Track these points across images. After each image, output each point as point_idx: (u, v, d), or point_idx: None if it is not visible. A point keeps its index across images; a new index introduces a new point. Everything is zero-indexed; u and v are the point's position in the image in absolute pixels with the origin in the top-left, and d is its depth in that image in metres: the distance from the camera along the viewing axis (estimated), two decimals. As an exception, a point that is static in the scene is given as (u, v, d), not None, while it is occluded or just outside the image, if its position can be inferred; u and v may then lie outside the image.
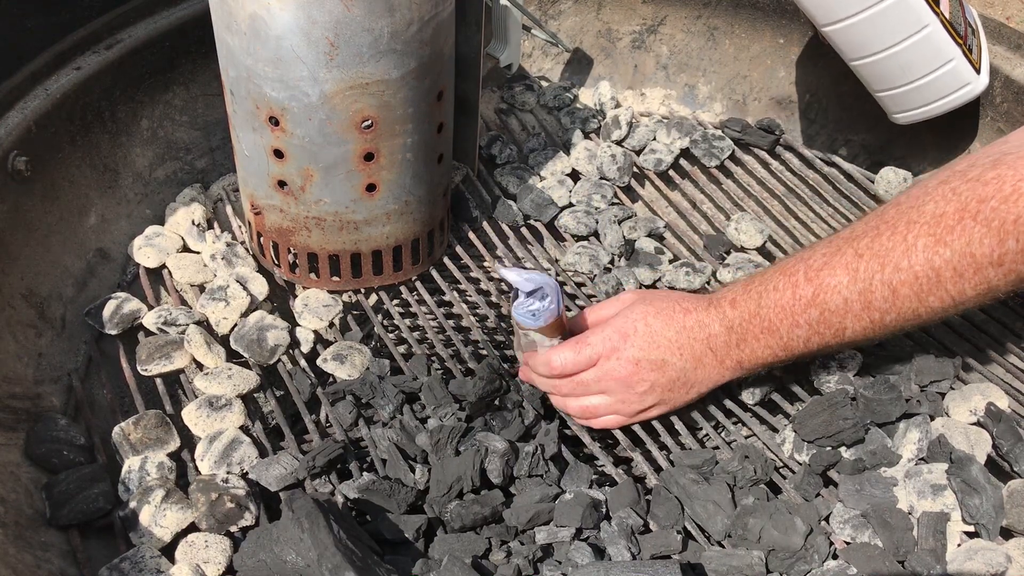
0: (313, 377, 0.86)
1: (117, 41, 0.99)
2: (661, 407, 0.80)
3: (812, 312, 0.72)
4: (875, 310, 0.70)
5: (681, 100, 1.28)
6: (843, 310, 0.71)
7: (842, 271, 0.70)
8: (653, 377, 0.77)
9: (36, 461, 0.76)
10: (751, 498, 0.73)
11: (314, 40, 0.75)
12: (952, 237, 0.65)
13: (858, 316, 0.70)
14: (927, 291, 0.67)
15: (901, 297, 0.68)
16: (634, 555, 0.70)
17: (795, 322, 0.73)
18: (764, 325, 0.74)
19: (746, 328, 0.75)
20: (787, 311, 0.73)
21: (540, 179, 1.12)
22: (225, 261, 0.95)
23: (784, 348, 0.75)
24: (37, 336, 0.86)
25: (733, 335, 0.76)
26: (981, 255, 0.64)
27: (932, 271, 0.66)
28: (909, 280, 0.67)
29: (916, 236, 0.67)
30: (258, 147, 0.84)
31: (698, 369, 0.78)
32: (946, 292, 0.67)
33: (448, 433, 0.75)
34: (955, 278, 0.66)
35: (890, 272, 0.68)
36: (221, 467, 0.76)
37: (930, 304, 0.68)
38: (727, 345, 0.76)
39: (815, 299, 0.72)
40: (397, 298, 0.97)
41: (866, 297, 0.69)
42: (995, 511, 0.70)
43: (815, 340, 0.73)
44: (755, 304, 0.75)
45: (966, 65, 0.98)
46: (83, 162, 0.96)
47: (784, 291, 0.73)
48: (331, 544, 0.61)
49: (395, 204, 0.88)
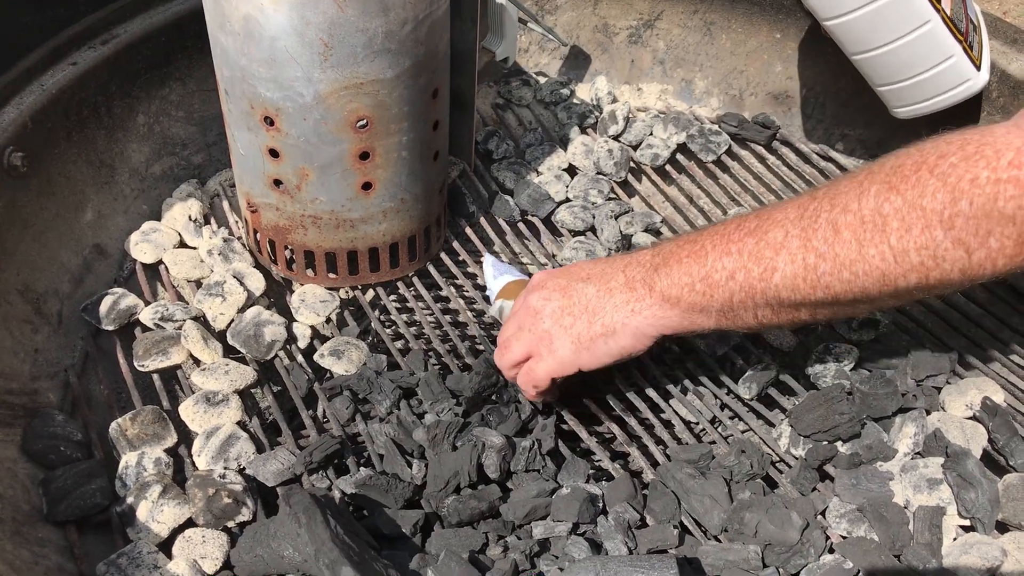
0: (310, 373, 0.86)
1: (113, 36, 0.99)
2: (562, 338, 0.74)
3: (748, 242, 0.66)
4: (811, 251, 0.63)
5: (678, 95, 1.28)
6: (780, 244, 0.65)
7: (792, 208, 0.66)
8: (554, 297, 0.74)
9: (33, 457, 0.77)
10: (747, 492, 0.73)
11: (308, 41, 0.75)
12: (905, 187, 0.60)
13: (793, 255, 0.64)
14: (869, 238, 0.61)
15: (842, 240, 0.62)
16: (631, 549, 0.70)
17: (727, 249, 0.67)
18: (694, 250, 0.69)
19: (672, 253, 0.70)
20: (724, 237, 0.68)
21: (537, 174, 1.12)
22: (222, 257, 0.95)
23: (704, 279, 0.68)
24: (34, 332, 0.86)
25: (656, 259, 0.71)
26: (931, 210, 0.59)
27: (879, 216, 0.61)
28: (854, 223, 0.62)
29: (871, 183, 0.62)
30: (253, 146, 0.84)
31: (602, 293, 0.72)
32: (888, 245, 0.61)
33: (445, 428, 0.76)
34: (901, 230, 0.60)
35: (838, 212, 0.63)
36: (218, 462, 0.76)
37: (869, 257, 0.61)
38: (644, 268, 0.71)
39: (757, 230, 0.66)
40: (394, 294, 0.97)
41: (807, 233, 0.64)
42: (991, 505, 0.70)
43: (740, 277, 0.67)
44: (696, 235, 0.70)
45: (966, 62, 0.98)
46: (79, 158, 0.96)
47: (730, 224, 0.69)
48: (328, 539, 0.61)
49: (391, 202, 0.88)
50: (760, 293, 0.67)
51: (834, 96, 1.19)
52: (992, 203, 0.56)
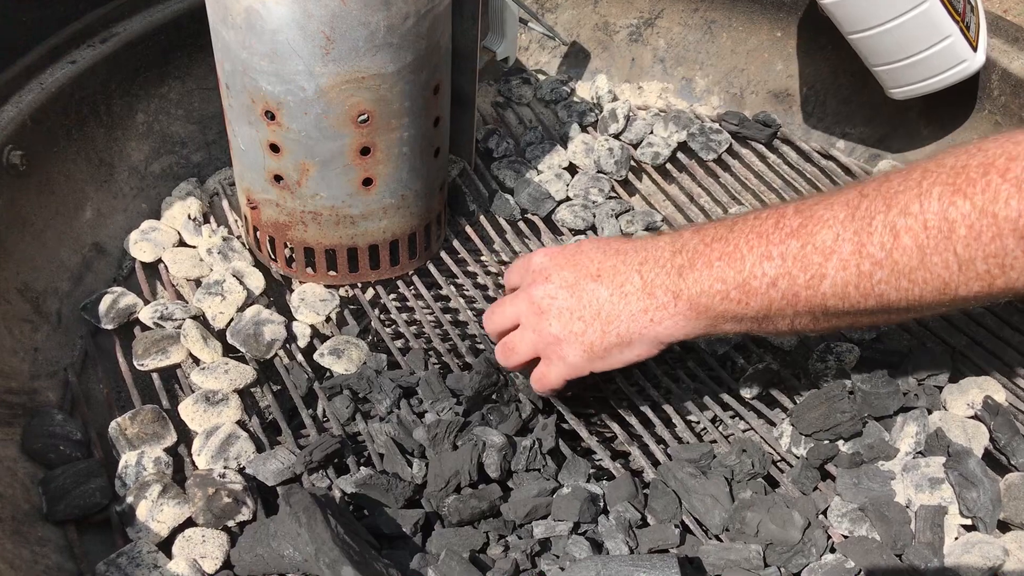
0: (310, 372, 0.85)
1: (112, 35, 0.98)
2: (573, 344, 0.68)
3: (792, 244, 0.60)
4: (867, 257, 0.58)
5: (678, 93, 1.27)
6: (830, 249, 0.59)
7: (840, 206, 0.59)
8: (561, 296, 0.67)
9: (32, 456, 0.76)
10: (749, 492, 0.73)
11: (310, 34, 0.75)
12: (973, 191, 0.54)
13: (845, 261, 0.58)
14: (933, 246, 0.55)
15: (901, 247, 0.56)
16: (632, 549, 0.70)
17: (767, 253, 0.60)
18: (727, 251, 0.62)
19: (700, 252, 0.63)
20: (763, 238, 0.61)
21: (537, 173, 1.12)
22: (221, 255, 0.95)
23: (740, 287, 0.61)
24: (33, 331, 0.86)
25: (679, 258, 0.64)
26: (1004, 217, 0.53)
27: (945, 223, 0.55)
28: (916, 228, 0.56)
29: (932, 184, 0.56)
30: (254, 141, 0.84)
31: (616, 298, 0.65)
32: (953, 254, 0.55)
33: (445, 427, 0.75)
34: (969, 238, 0.54)
35: (896, 214, 0.56)
36: (218, 462, 0.75)
37: (931, 266, 0.56)
38: (664, 271, 0.64)
39: (801, 229, 0.60)
40: (394, 292, 0.97)
41: (860, 238, 0.58)
42: (992, 504, 0.70)
43: (782, 284, 0.60)
44: (725, 229, 0.63)
45: (963, 42, 0.98)
46: (78, 156, 0.95)
47: (766, 220, 0.61)
48: (328, 539, 0.61)
49: (392, 198, 0.88)
50: (804, 301, 0.61)
51: (835, 94, 1.19)
52: None
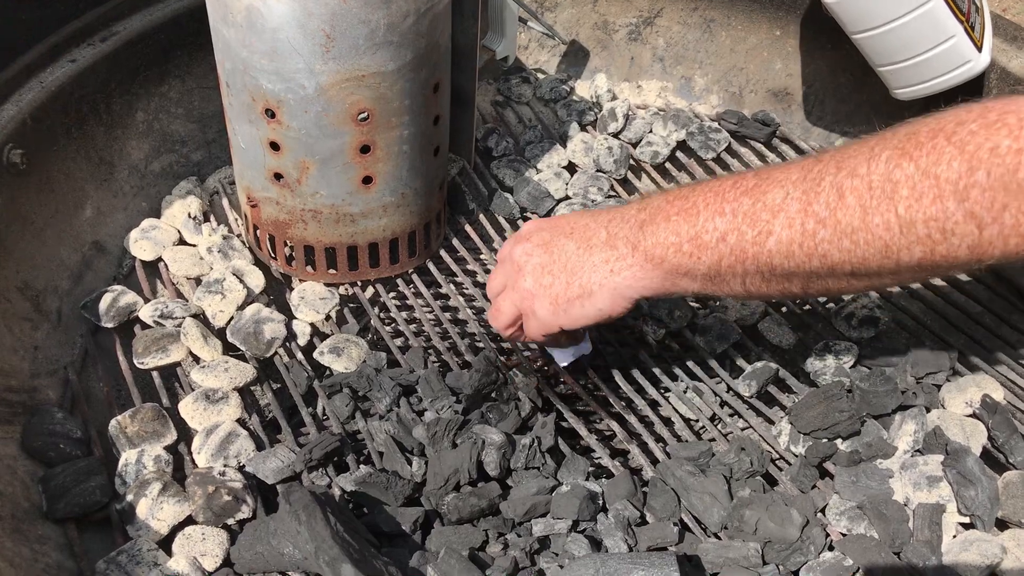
0: (310, 370, 0.86)
1: (112, 33, 0.98)
2: (543, 298, 0.71)
3: (744, 201, 0.62)
4: (811, 216, 0.59)
5: (677, 92, 1.28)
6: (778, 207, 0.60)
7: (796, 169, 0.61)
8: (536, 252, 0.71)
9: (33, 454, 0.76)
10: (747, 490, 0.73)
11: (310, 32, 0.75)
12: (920, 153, 0.55)
13: (791, 219, 0.60)
14: (875, 206, 0.57)
15: (845, 206, 0.58)
16: (631, 547, 0.70)
17: (720, 209, 0.62)
18: (685, 207, 0.64)
19: (660, 209, 0.65)
20: (718, 196, 0.63)
21: (536, 171, 1.12)
22: (221, 254, 0.95)
23: (693, 240, 0.64)
24: (33, 329, 0.86)
25: (642, 215, 0.66)
26: (946, 179, 0.54)
27: (889, 183, 0.56)
28: (861, 188, 0.57)
29: (883, 148, 0.57)
30: (254, 139, 0.84)
31: (583, 251, 0.68)
32: (895, 214, 0.56)
33: (445, 426, 0.75)
34: (911, 198, 0.55)
35: (844, 176, 0.58)
36: (218, 460, 0.76)
37: (872, 227, 0.57)
38: (628, 225, 0.67)
39: (755, 189, 0.62)
40: (394, 291, 0.97)
41: (808, 197, 0.59)
42: (990, 502, 0.70)
43: (731, 239, 0.62)
44: (688, 189, 0.65)
45: (967, 42, 0.98)
46: (78, 155, 0.96)
47: (727, 180, 0.64)
48: (328, 537, 0.61)
49: (392, 197, 0.88)
50: (752, 258, 0.62)
51: (834, 93, 1.19)
52: (1011, 175, 0.52)
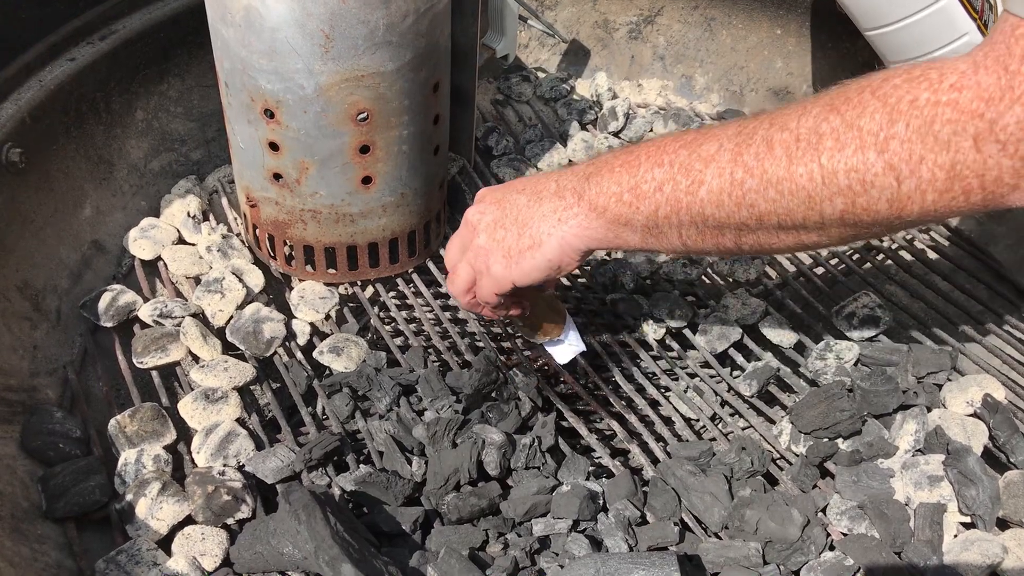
0: (309, 369, 0.85)
1: (111, 32, 0.98)
2: (496, 252, 0.72)
3: (682, 153, 0.64)
4: (740, 166, 0.60)
5: (678, 91, 1.27)
6: (711, 157, 0.62)
7: (733, 124, 0.63)
8: (489, 211, 0.72)
9: (32, 454, 0.76)
10: (748, 490, 0.73)
11: (309, 32, 0.75)
12: (847, 107, 0.57)
13: (721, 169, 0.61)
14: (800, 155, 0.58)
15: (772, 156, 0.59)
16: (631, 547, 0.70)
17: (659, 160, 0.64)
18: (628, 159, 0.66)
19: (606, 162, 0.68)
20: (659, 148, 0.65)
21: (537, 170, 1.12)
22: (221, 253, 0.94)
23: (632, 189, 0.65)
24: (32, 328, 0.86)
25: (589, 168, 0.68)
26: (867, 130, 0.55)
27: (815, 135, 0.57)
28: (789, 140, 0.59)
29: (815, 104, 0.59)
30: (253, 140, 0.84)
31: (532, 204, 0.70)
32: (819, 163, 0.57)
33: (445, 425, 0.75)
34: (833, 149, 0.56)
35: (775, 130, 0.60)
36: (217, 459, 0.75)
37: (796, 176, 0.58)
38: (576, 177, 0.69)
39: (692, 143, 0.64)
40: (394, 290, 0.97)
41: (739, 148, 0.61)
42: (991, 502, 0.70)
43: (667, 188, 0.64)
44: (635, 146, 0.67)
45: (980, 40, 0.98)
46: (78, 154, 0.95)
47: (669, 136, 0.66)
48: (328, 536, 0.61)
49: (391, 196, 0.88)
50: (685, 208, 0.64)
51: (835, 92, 1.19)
52: (928, 126, 0.53)
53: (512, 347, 0.89)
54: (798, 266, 1.01)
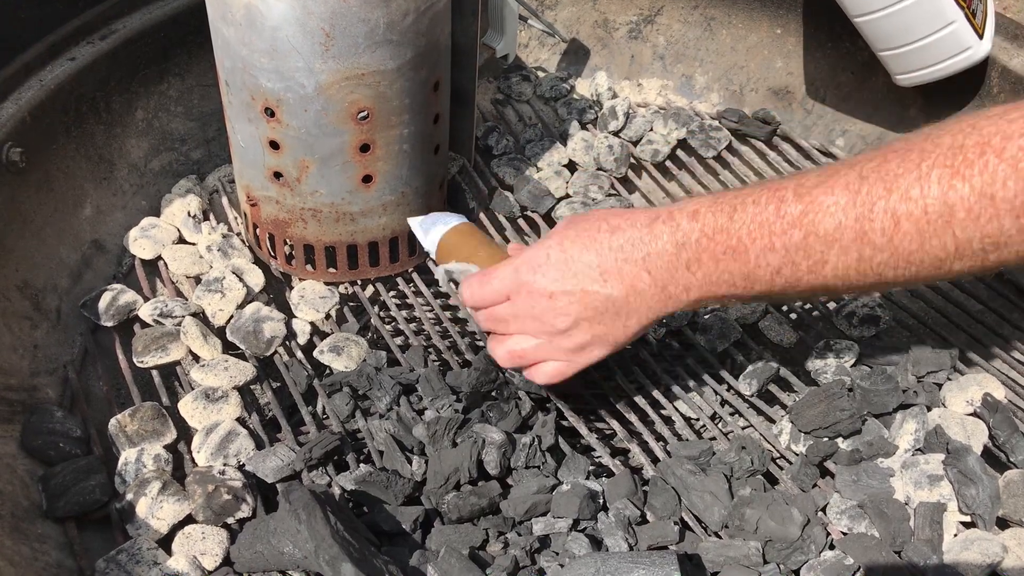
0: (310, 369, 0.85)
1: (112, 31, 0.98)
2: (599, 345, 0.71)
3: (795, 234, 0.61)
4: (868, 244, 0.59)
5: (678, 90, 1.27)
6: (832, 237, 0.60)
7: (841, 191, 0.60)
8: (575, 310, 0.69)
9: (32, 453, 0.76)
10: (748, 489, 0.73)
11: (310, 30, 0.75)
12: (972, 172, 0.55)
13: (846, 248, 0.60)
14: (932, 231, 0.57)
15: (902, 232, 0.58)
16: (631, 546, 0.70)
17: (770, 244, 0.62)
18: (731, 244, 0.63)
19: (704, 246, 0.64)
20: (765, 229, 0.62)
21: (537, 170, 1.12)
22: (221, 252, 0.95)
23: (746, 278, 0.64)
24: (32, 328, 0.86)
25: (684, 253, 0.65)
26: (1002, 198, 0.54)
27: (945, 207, 0.56)
28: (917, 213, 0.57)
29: (931, 166, 0.57)
30: (254, 138, 0.84)
31: (631, 296, 0.68)
32: (952, 237, 0.56)
33: (445, 424, 0.75)
34: (968, 220, 0.56)
35: (897, 200, 0.57)
36: (218, 459, 0.76)
37: (930, 249, 0.58)
38: (672, 267, 0.66)
39: (802, 218, 0.60)
40: (394, 289, 0.97)
41: (863, 224, 0.59)
42: (991, 501, 0.70)
43: (785, 272, 0.62)
44: (725, 218, 0.64)
45: (968, 29, 0.98)
46: (78, 153, 0.95)
47: (766, 206, 0.62)
48: (328, 536, 0.61)
49: (391, 195, 0.88)
50: (806, 284, 0.63)
51: (834, 91, 1.19)
52: None
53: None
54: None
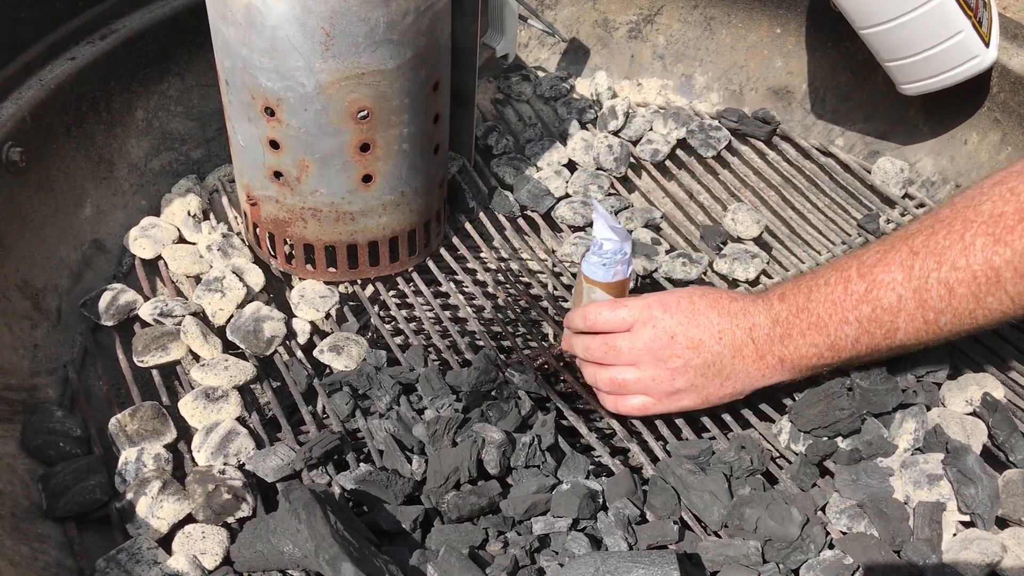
0: (310, 368, 0.85)
1: (112, 31, 0.98)
2: (693, 395, 0.77)
3: (863, 309, 0.70)
4: (930, 309, 0.68)
5: (678, 90, 1.27)
6: (896, 308, 0.69)
7: (896, 267, 0.69)
8: (687, 356, 0.75)
9: (32, 453, 0.76)
10: (748, 488, 0.73)
11: (310, 30, 0.75)
12: (1012, 237, 0.63)
13: (911, 315, 0.69)
14: (985, 291, 0.65)
15: (958, 296, 0.66)
16: (631, 545, 0.70)
17: (844, 319, 0.71)
18: (812, 320, 0.73)
19: (792, 322, 0.73)
20: (837, 306, 0.71)
21: (537, 170, 1.12)
22: (221, 252, 0.95)
23: (831, 348, 0.73)
24: (33, 328, 0.86)
25: (778, 328, 0.74)
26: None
27: (991, 271, 0.64)
28: (967, 279, 0.65)
29: (974, 235, 0.65)
30: (254, 138, 0.84)
31: (736, 359, 0.75)
32: (1005, 293, 0.65)
33: (445, 424, 0.75)
34: (1016, 279, 0.64)
35: (947, 270, 0.66)
36: (218, 458, 0.76)
37: (988, 305, 0.66)
38: (770, 338, 0.74)
39: (867, 295, 0.70)
40: (394, 289, 0.97)
41: (921, 295, 0.68)
42: (990, 501, 0.70)
43: (864, 340, 0.71)
44: (804, 298, 0.73)
45: (975, 38, 0.98)
46: (78, 153, 0.95)
47: (835, 286, 0.72)
48: (328, 535, 0.61)
49: (391, 195, 0.88)
50: (884, 348, 0.72)
51: (834, 91, 1.19)
52: None
53: (512, 346, 0.90)
54: (796, 266, 1.01)
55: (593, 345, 0.79)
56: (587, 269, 0.79)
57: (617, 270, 0.78)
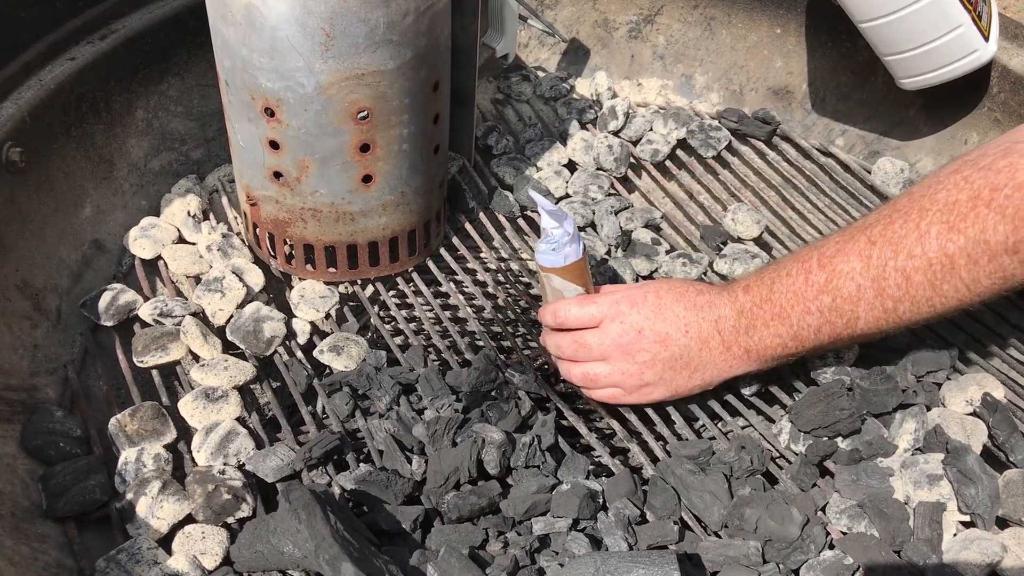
0: (309, 368, 0.85)
1: (112, 31, 0.98)
2: (662, 388, 0.79)
3: (824, 299, 0.71)
4: (888, 298, 0.69)
5: (678, 90, 1.27)
6: (856, 297, 0.70)
7: (855, 258, 0.70)
8: (655, 349, 0.76)
9: (32, 453, 0.76)
10: (748, 488, 0.73)
11: (310, 30, 0.75)
12: (965, 224, 0.64)
13: (871, 304, 0.70)
14: (941, 278, 0.67)
15: (915, 284, 0.67)
16: (631, 545, 0.70)
17: (806, 309, 0.72)
18: (775, 311, 0.74)
19: (756, 313, 0.75)
20: (799, 297, 0.73)
21: (537, 170, 1.12)
22: (221, 252, 0.95)
23: (794, 337, 0.74)
24: (33, 328, 0.86)
25: (743, 319, 0.75)
26: (995, 242, 0.64)
27: (946, 258, 0.66)
28: (922, 267, 0.67)
29: (929, 223, 0.66)
30: (254, 138, 0.84)
31: (703, 351, 0.76)
32: (960, 280, 0.66)
33: (445, 424, 0.75)
34: (969, 265, 0.65)
35: (903, 259, 0.67)
36: (218, 458, 0.76)
37: (944, 292, 0.67)
38: (735, 330, 0.75)
39: (828, 285, 0.71)
40: (393, 289, 0.97)
41: (879, 284, 0.69)
42: (991, 501, 0.70)
43: (826, 330, 0.73)
44: (767, 289, 0.74)
45: (974, 32, 0.98)
46: (78, 153, 0.95)
47: (796, 277, 0.73)
48: (328, 535, 0.61)
49: (391, 195, 0.88)
50: (845, 337, 0.73)
51: (834, 91, 1.19)
52: None
53: (512, 346, 0.90)
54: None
55: (564, 343, 0.80)
56: (540, 259, 0.79)
57: (567, 252, 0.78)
